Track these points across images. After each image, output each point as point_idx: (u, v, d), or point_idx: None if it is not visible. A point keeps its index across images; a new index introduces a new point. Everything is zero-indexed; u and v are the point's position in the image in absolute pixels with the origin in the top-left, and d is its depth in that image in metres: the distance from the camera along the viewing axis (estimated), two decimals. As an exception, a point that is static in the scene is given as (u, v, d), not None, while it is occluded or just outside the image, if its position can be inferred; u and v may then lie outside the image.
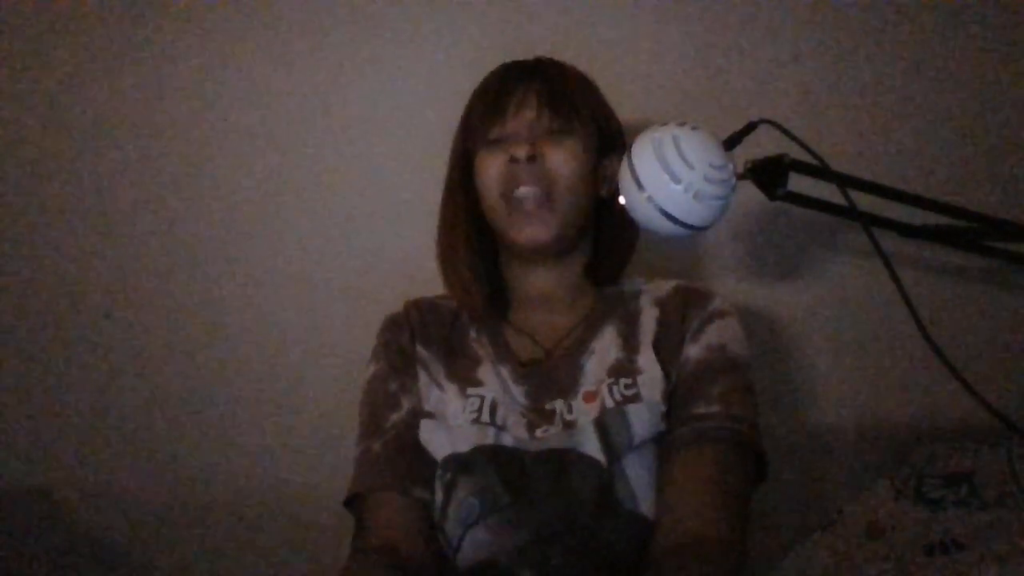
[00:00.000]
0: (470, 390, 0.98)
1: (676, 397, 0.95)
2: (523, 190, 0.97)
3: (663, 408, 0.92)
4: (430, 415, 0.99)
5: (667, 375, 0.95)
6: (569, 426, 0.93)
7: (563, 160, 0.98)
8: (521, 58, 1.06)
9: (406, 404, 1.00)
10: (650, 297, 1.02)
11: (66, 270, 1.32)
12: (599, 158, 1.03)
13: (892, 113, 1.26)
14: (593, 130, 1.01)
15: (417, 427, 0.98)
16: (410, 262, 1.24)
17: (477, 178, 1.01)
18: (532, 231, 0.98)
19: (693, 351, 0.96)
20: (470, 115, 1.03)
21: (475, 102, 1.03)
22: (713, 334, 0.97)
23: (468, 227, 1.04)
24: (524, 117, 0.99)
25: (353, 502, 0.98)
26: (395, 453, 0.97)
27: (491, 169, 0.99)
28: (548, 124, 0.99)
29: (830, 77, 1.27)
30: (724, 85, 1.27)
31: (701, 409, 0.92)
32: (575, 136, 0.99)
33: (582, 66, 1.07)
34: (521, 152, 0.96)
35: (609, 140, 1.04)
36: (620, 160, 1.01)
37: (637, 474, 0.90)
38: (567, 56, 1.07)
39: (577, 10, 1.29)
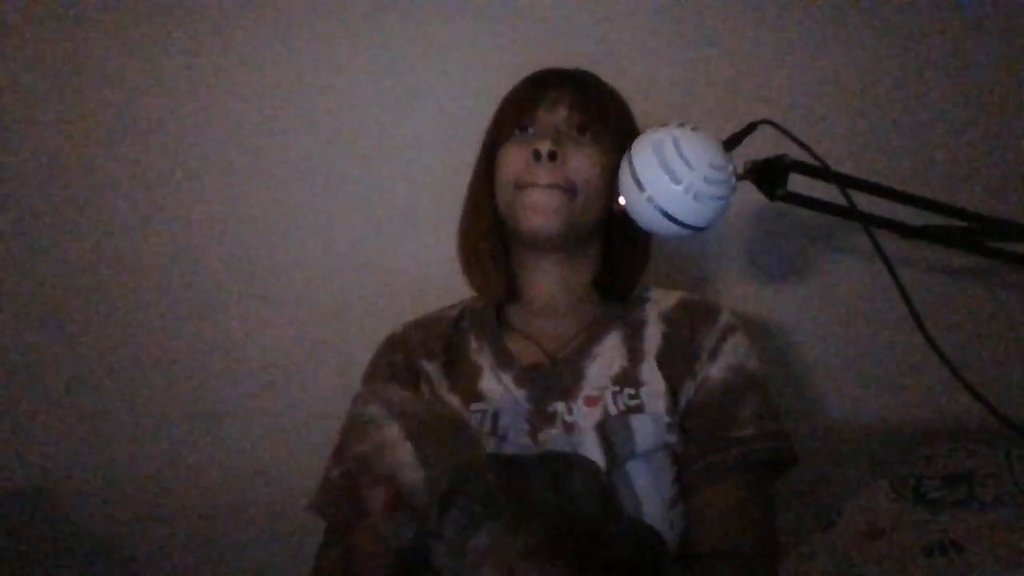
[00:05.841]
0: (473, 405, 0.97)
1: (705, 420, 0.95)
2: (538, 187, 0.96)
3: (667, 420, 0.92)
4: None
5: (672, 389, 0.95)
6: (570, 428, 0.93)
7: (583, 164, 0.97)
8: (520, 61, 1.06)
9: None
10: (655, 308, 1.02)
11: (66, 270, 1.32)
12: (616, 170, 1.01)
13: (892, 113, 1.26)
14: (616, 144, 1.00)
15: None
16: (409, 271, 1.24)
17: (497, 169, 1.02)
18: (542, 220, 0.97)
19: (712, 371, 0.96)
20: (503, 110, 1.04)
21: (508, 98, 1.04)
22: (730, 353, 0.97)
23: (490, 218, 1.04)
24: (553, 115, 0.99)
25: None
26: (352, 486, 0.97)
27: (512, 161, 0.99)
28: (576, 125, 0.99)
29: (830, 77, 1.27)
30: (724, 85, 1.27)
31: (736, 432, 0.93)
32: (599, 144, 0.99)
33: (581, 67, 1.07)
34: (544, 147, 0.95)
35: None
36: None
37: (641, 480, 0.90)
38: (565, 57, 1.07)
39: (576, 10, 1.29)
